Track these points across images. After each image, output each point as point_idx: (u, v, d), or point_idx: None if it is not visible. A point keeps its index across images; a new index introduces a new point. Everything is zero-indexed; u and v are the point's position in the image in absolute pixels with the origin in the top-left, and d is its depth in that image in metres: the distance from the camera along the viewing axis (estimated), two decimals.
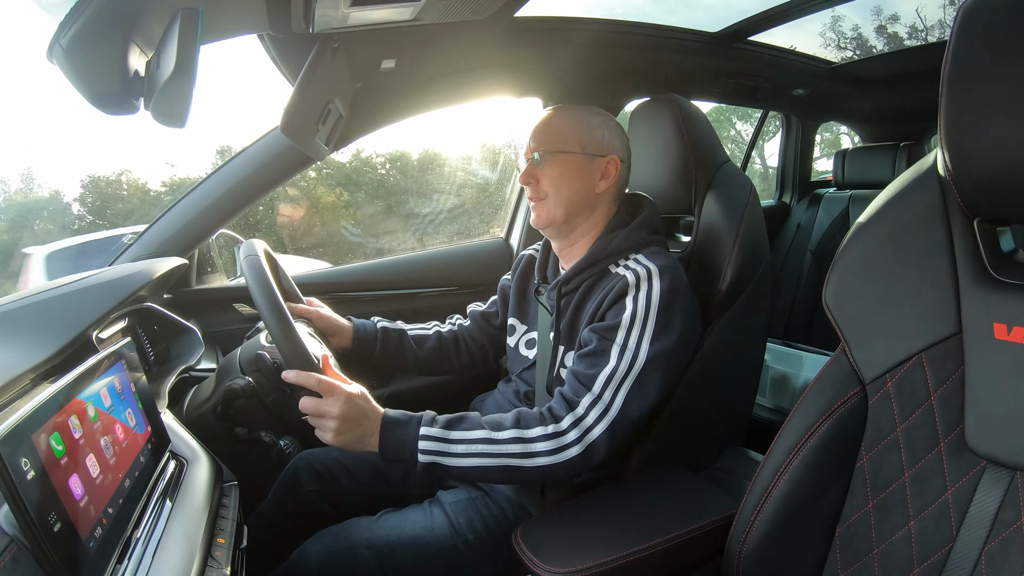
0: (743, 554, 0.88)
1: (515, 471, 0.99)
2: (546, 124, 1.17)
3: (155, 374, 1.14)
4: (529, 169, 1.16)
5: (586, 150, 1.14)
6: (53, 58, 0.70)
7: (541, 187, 1.15)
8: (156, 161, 7.58)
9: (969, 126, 0.68)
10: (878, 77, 2.39)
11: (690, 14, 1.80)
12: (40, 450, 0.56)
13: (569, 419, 1.01)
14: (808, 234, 2.77)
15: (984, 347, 0.72)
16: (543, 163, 1.14)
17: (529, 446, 0.99)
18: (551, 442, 0.99)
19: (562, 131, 1.15)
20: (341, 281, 1.76)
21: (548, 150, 1.14)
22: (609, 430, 1.00)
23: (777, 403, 2.17)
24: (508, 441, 0.99)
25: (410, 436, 0.98)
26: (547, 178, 1.15)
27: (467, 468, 0.98)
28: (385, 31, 1.09)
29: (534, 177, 1.16)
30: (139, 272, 1.12)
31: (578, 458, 0.99)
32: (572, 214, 1.16)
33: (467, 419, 1.02)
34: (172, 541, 0.69)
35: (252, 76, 5.58)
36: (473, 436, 0.99)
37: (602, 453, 1.00)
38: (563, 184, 1.14)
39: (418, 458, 0.97)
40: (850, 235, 0.86)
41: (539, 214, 1.17)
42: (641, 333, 1.03)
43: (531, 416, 1.03)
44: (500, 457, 0.98)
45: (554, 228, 1.18)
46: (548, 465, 0.98)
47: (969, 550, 0.71)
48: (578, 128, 1.15)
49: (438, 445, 0.98)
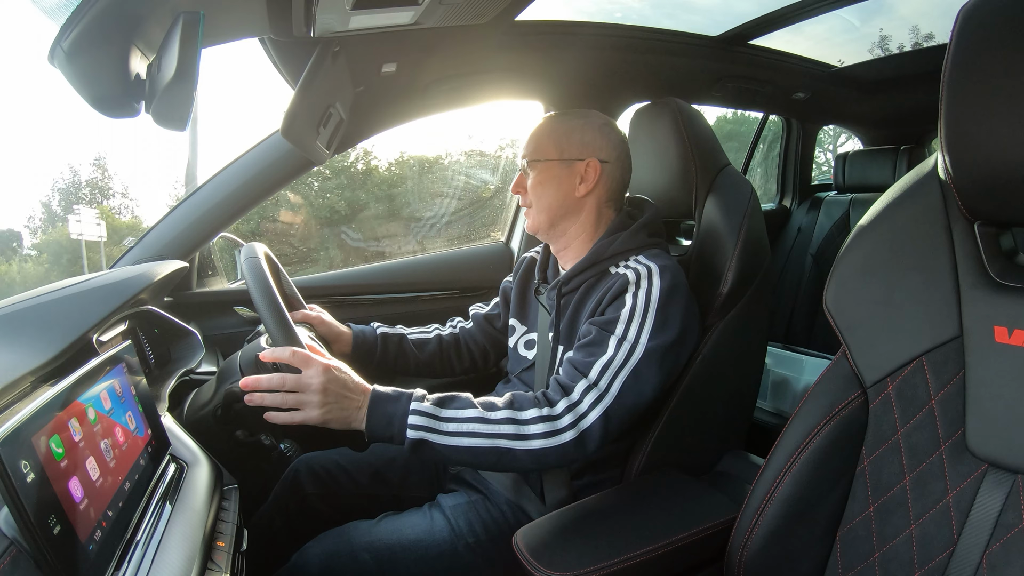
0: (744, 558, 0.87)
1: (506, 454, 0.96)
2: (535, 132, 1.19)
3: (155, 377, 1.14)
4: (519, 178, 1.20)
5: (563, 156, 1.15)
6: (55, 61, 0.70)
7: (527, 195, 1.19)
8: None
9: (969, 129, 0.68)
10: (878, 80, 2.40)
11: (690, 18, 1.80)
12: (40, 453, 0.56)
13: (563, 403, 0.99)
14: (809, 238, 2.77)
15: (985, 350, 0.72)
16: (528, 172, 1.17)
17: (522, 428, 0.96)
18: (545, 425, 0.97)
19: (540, 139, 1.17)
20: (342, 285, 1.76)
21: (529, 159, 1.17)
22: (603, 417, 0.98)
23: (778, 407, 2.17)
24: (501, 422, 0.97)
25: (399, 411, 0.95)
26: (531, 187, 1.17)
27: (457, 448, 0.95)
28: (386, 35, 1.10)
29: (522, 186, 1.19)
30: (140, 275, 1.12)
31: (572, 444, 0.97)
32: (556, 219, 1.18)
33: (459, 398, 0.99)
34: (172, 544, 0.69)
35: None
36: (465, 415, 0.97)
37: (596, 442, 0.99)
38: (542, 192, 1.16)
39: (406, 434, 0.94)
40: (851, 239, 0.86)
41: (528, 221, 1.21)
42: (640, 326, 1.03)
43: (525, 399, 1.01)
44: (492, 438, 0.95)
45: (542, 233, 1.20)
46: (541, 449, 0.96)
47: (971, 553, 0.71)
48: (555, 134, 1.16)
49: (428, 421, 0.95)
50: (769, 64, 2.08)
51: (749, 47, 1.92)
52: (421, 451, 0.96)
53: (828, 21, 1.84)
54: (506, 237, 2.05)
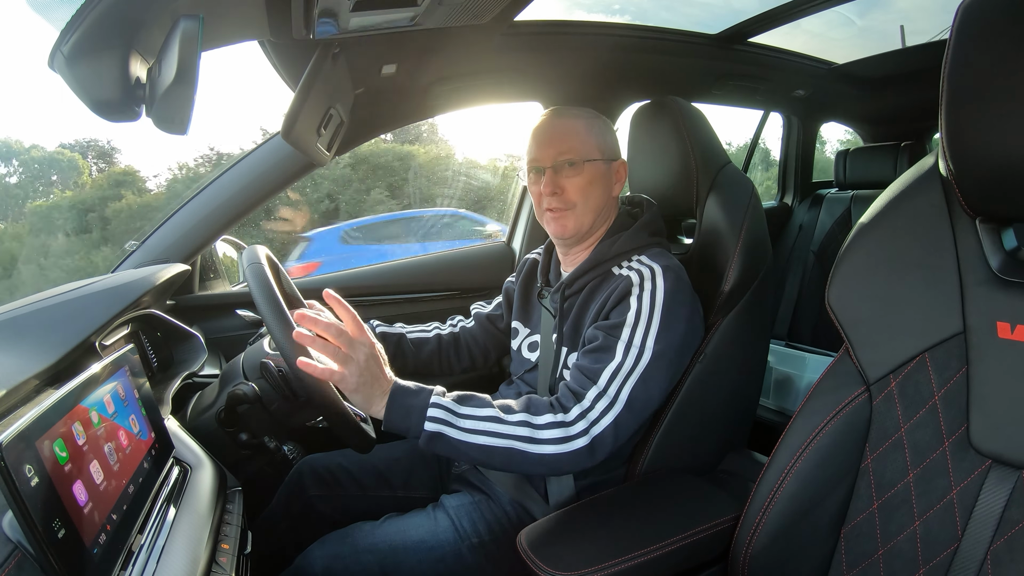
0: (748, 556, 0.87)
1: (518, 455, 0.96)
2: (560, 131, 1.14)
3: (158, 380, 1.14)
4: (553, 179, 1.12)
5: (605, 155, 1.14)
6: (54, 66, 0.70)
7: (567, 196, 1.12)
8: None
9: (970, 125, 0.68)
10: (878, 77, 2.39)
11: (688, 11, 1.80)
12: (44, 457, 0.56)
13: (576, 410, 0.99)
14: (810, 235, 2.76)
15: (988, 346, 0.72)
16: (571, 171, 1.12)
17: (537, 432, 0.97)
18: (559, 431, 0.97)
19: (581, 138, 1.13)
20: (344, 286, 1.76)
21: (578, 159, 1.11)
22: (613, 424, 0.99)
23: (781, 405, 2.17)
24: (517, 424, 0.97)
25: (419, 404, 0.95)
26: (574, 187, 1.12)
27: (471, 445, 0.95)
28: (385, 36, 1.10)
29: (559, 186, 1.12)
30: (142, 278, 1.12)
31: (584, 450, 0.97)
32: (597, 220, 1.16)
33: (477, 398, 1.00)
34: (176, 547, 0.69)
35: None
36: (483, 414, 0.97)
37: (607, 448, 0.99)
38: (591, 192, 1.12)
39: (424, 426, 0.94)
40: (852, 236, 0.86)
41: (565, 224, 1.14)
42: (646, 331, 1.02)
43: (541, 403, 1.01)
44: (506, 439, 0.96)
45: (580, 235, 1.16)
46: (553, 454, 0.96)
47: (975, 549, 0.71)
48: (593, 133, 1.14)
49: (446, 415, 0.95)
50: (768, 62, 2.07)
51: (748, 45, 1.92)
52: (434, 444, 0.96)
53: (827, 17, 1.84)
54: (507, 237, 2.05)
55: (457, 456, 0.96)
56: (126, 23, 0.68)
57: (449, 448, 0.96)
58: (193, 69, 0.67)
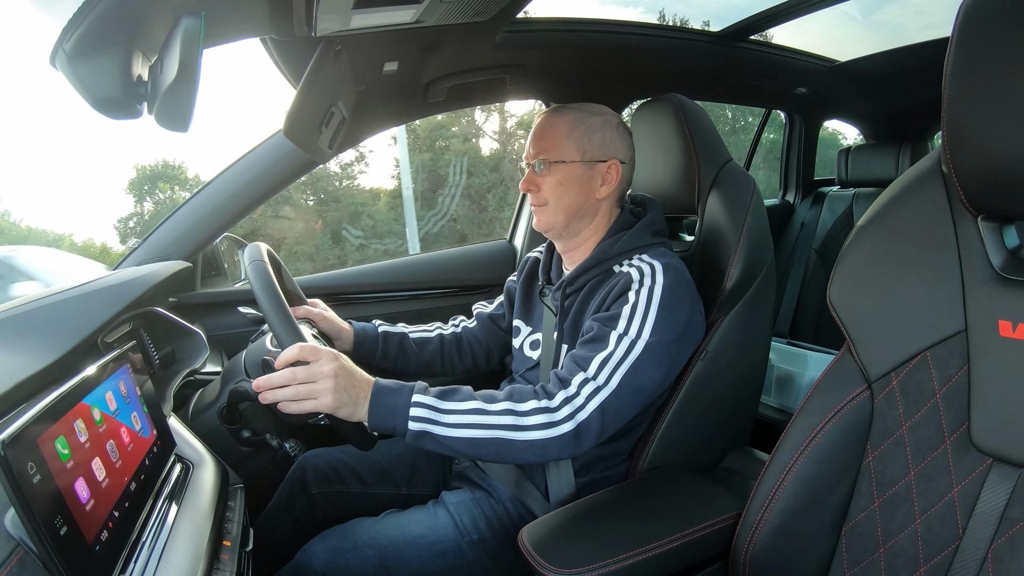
0: (749, 554, 0.87)
1: (505, 445, 0.96)
2: (544, 129, 1.15)
3: (160, 378, 1.14)
4: (529, 176, 1.15)
5: (585, 157, 1.13)
6: (56, 63, 0.70)
7: (542, 194, 1.15)
8: None
9: (971, 123, 0.68)
10: (880, 75, 2.38)
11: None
12: (46, 454, 0.56)
13: (561, 396, 0.99)
14: (812, 233, 2.76)
15: (990, 344, 0.72)
16: (544, 171, 1.13)
17: (521, 419, 0.96)
18: (543, 416, 0.97)
19: (560, 138, 1.13)
20: (345, 284, 1.76)
21: (546, 160, 1.13)
22: (599, 411, 0.98)
23: (782, 402, 2.17)
24: (500, 413, 0.96)
25: (401, 403, 0.95)
26: (546, 186, 1.14)
27: (457, 439, 0.95)
28: (387, 34, 1.10)
29: (535, 184, 1.15)
30: (144, 276, 1.12)
31: (569, 436, 0.96)
32: (573, 220, 1.16)
33: (460, 391, 0.99)
34: (178, 544, 0.69)
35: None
36: (465, 407, 0.97)
37: (593, 435, 0.98)
38: (561, 193, 1.13)
39: (408, 426, 0.94)
40: (854, 233, 0.86)
41: (540, 219, 1.17)
42: (642, 322, 1.02)
43: (525, 391, 1.01)
44: (491, 429, 0.95)
45: (555, 232, 1.18)
46: (539, 440, 0.96)
47: (976, 548, 0.71)
48: (576, 134, 1.13)
49: (429, 413, 0.95)
50: (771, 59, 2.07)
51: (750, 42, 1.92)
52: (422, 442, 0.96)
53: (829, 14, 1.83)
54: (509, 235, 2.05)
55: (445, 451, 0.96)
56: (128, 21, 0.68)
57: (436, 444, 0.96)
58: (195, 67, 0.67)
